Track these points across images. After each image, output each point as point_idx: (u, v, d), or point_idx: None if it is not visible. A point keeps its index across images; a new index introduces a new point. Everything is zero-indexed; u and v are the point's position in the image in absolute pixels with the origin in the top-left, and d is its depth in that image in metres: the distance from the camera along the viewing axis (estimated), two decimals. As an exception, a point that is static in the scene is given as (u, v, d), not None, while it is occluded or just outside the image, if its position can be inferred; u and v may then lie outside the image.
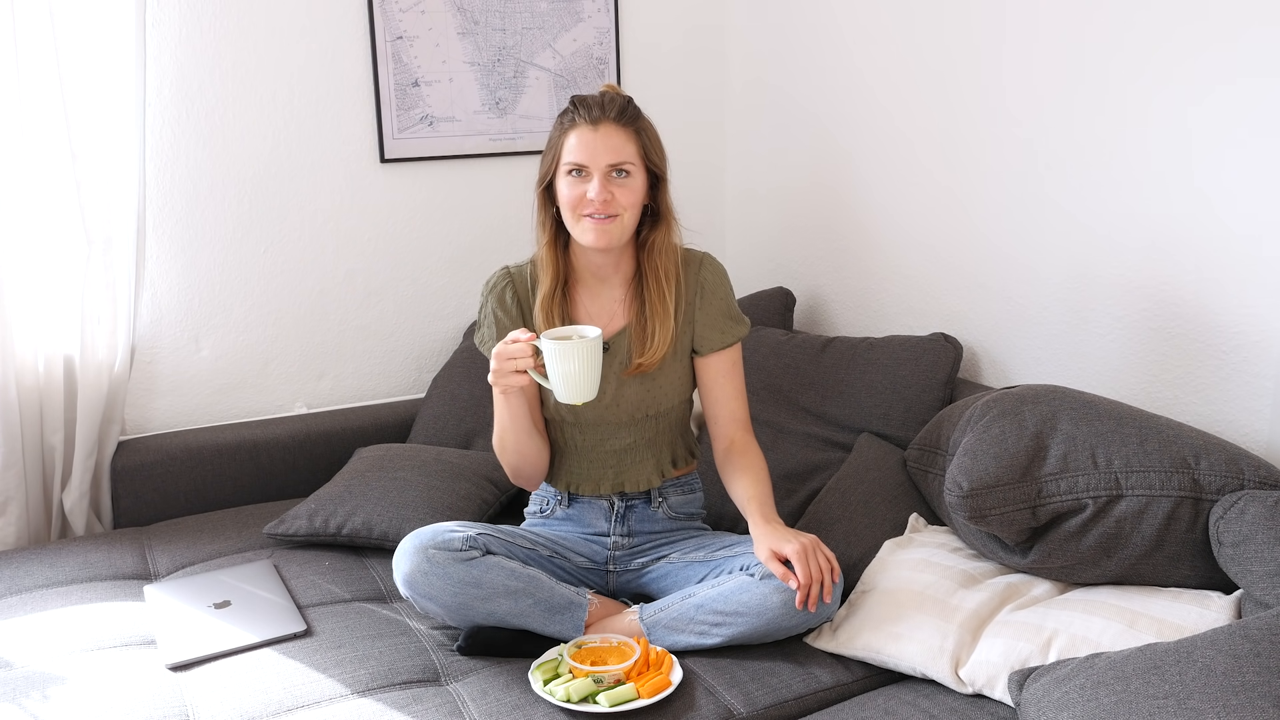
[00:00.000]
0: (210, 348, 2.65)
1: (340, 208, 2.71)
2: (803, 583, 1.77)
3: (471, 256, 2.86)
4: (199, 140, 2.54)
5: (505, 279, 2.04)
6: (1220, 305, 1.95)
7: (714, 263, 2.05)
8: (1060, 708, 1.47)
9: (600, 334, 1.80)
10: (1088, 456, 1.78)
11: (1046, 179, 2.21)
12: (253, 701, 1.72)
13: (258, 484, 2.55)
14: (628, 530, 2.05)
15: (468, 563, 1.84)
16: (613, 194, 1.88)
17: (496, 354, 1.82)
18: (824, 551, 1.82)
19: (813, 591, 1.78)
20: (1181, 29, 1.93)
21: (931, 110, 2.45)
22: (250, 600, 2.01)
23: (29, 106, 2.23)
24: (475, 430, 2.57)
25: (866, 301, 2.71)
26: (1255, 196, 1.86)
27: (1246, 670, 1.39)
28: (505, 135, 2.84)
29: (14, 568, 2.16)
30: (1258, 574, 1.61)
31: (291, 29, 2.58)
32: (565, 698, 1.70)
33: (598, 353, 1.79)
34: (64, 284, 2.36)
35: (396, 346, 2.85)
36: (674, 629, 1.86)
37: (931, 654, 1.75)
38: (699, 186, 3.07)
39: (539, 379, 1.82)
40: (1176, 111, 1.96)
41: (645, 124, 1.94)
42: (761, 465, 2.01)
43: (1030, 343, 2.31)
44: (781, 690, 1.77)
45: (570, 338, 1.79)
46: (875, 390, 2.33)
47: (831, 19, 2.68)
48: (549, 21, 2.83)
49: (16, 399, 2.32)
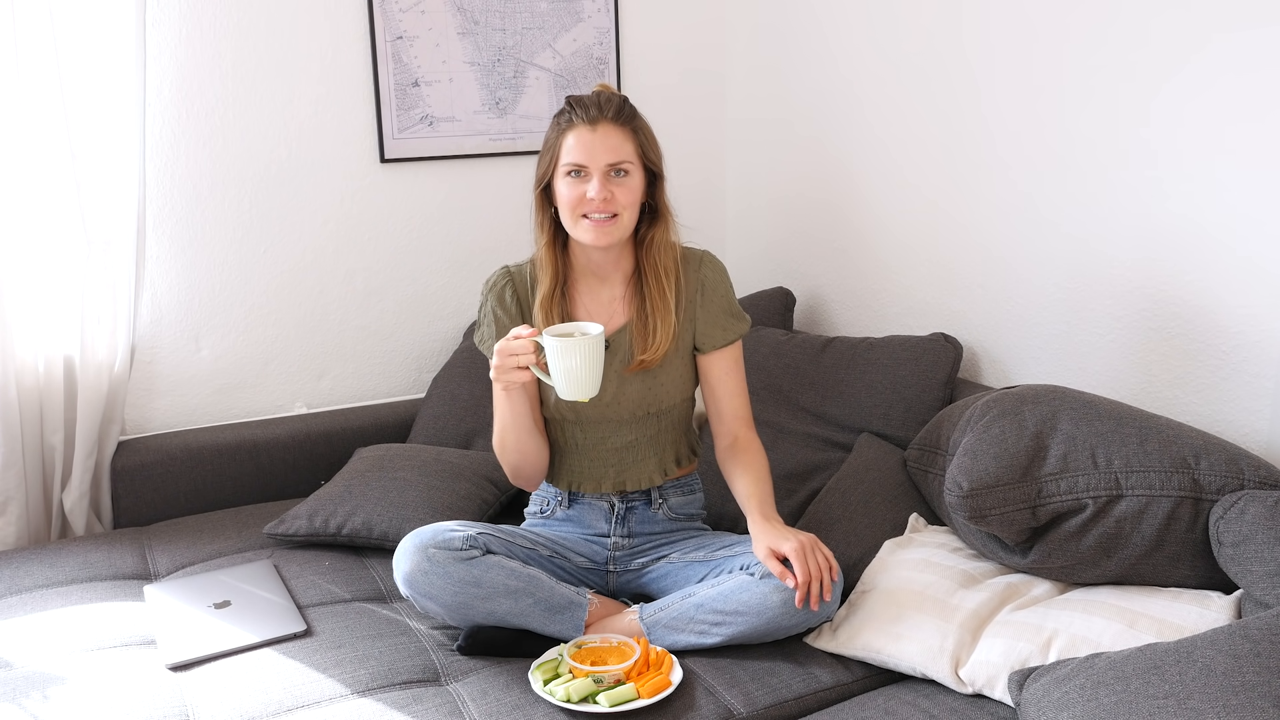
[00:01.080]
0: (210, 348, 2.65)
1: (340, 208, 2.71)
2: (800, 581, 1.77)
3: (471, 256, 2.86)
4: (199, 140, 2.54)
5: (505, 278, 2.04)
6: (1220, 305, 1.95)
7: (714, 260, 2.05)
8: (1060, 708, 1.47)
9: (602, 330, 1.80)
10: (1088, 456, 1.78)
11: (1046, 179, 2.21)
12: (253, 701, 1.72)
13: (258, 484, 2.55)
14: (628, 531, 2.05)
15: (468, 562, 1.84)
16: (612, 193, 1.89)
17: (499, 350, 1.82)
18: (822, 550, 1.82)
19: (812, 589, 1.78)
20: (1177, 28, 1.93)
21: (931, 110, 2.45)
22: (250, 600, 2.01)
23: (29, 106, 2.23)
24: (475, 430, 2.57)
25: (866, 301, 2.71)
26: (1255, 196, 1.86)
27: (1246, 670, 1.39)
28: (505, 135, 2.84)
29: (14, 568, 2.16)
30: (1258, 574, 1.61)
31: (291, 29, 2.58)
32: (565, 698, 1.70)
33: (600, 349, 1.79)
34: (64, 284, 2.36)
35: (396, 346, 2.85)
36: (674, 629, 1.86)
37: (931, 654, 1.75)
38: (699, 187, 3.07)
39: (541, 375, 1.82)
40: (1175, 111, 1.96)
41: (641, 123, 1.95)
42: (763, 463, 2.01)
43: (1030, 343, 2.31)
44: (781, 690, 1.77)
45: (572, 334, 1.79)
46: (875, 390, 2.33)
47: (832, 19, 2.68)
48: (549, 21, 2.83)
49: (16, 399, 2.32)
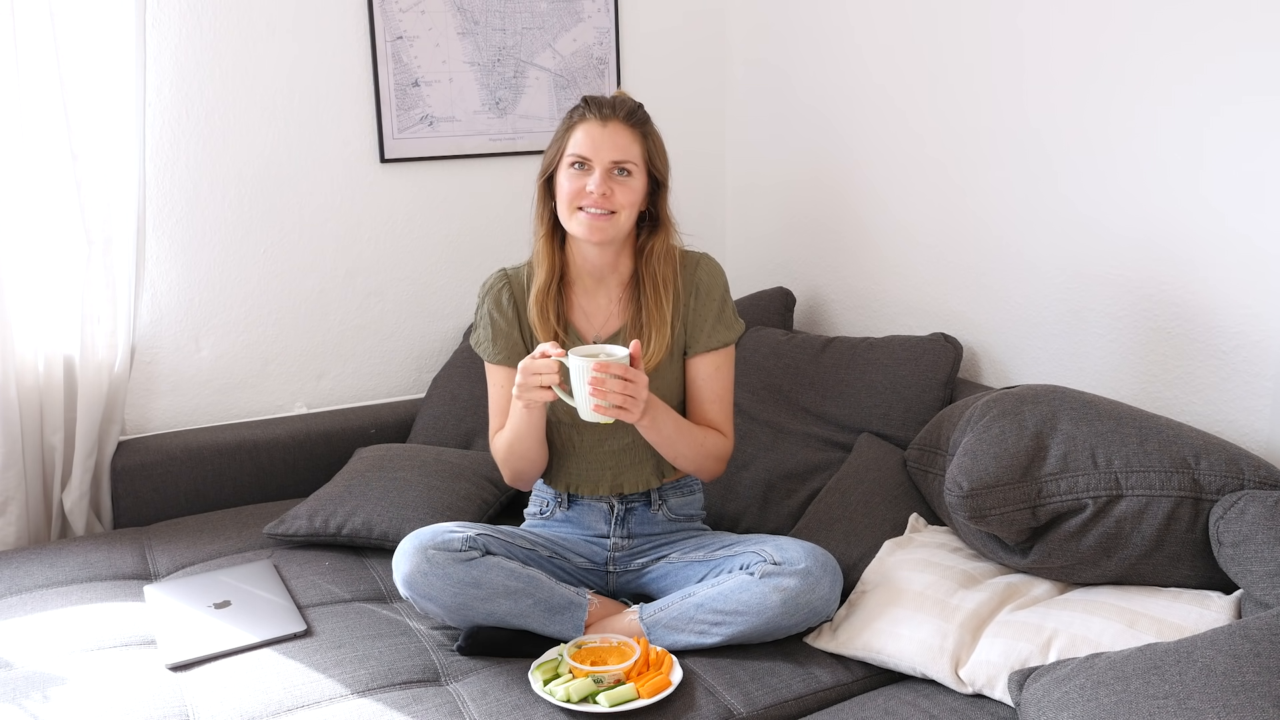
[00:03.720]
0: (210, 348, 2.65)
1: (340, 208, 2.71)
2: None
3: (471, 256, 2.86)
4: (199, 140, 2.54)
5: (502, 281, 2.04)
6: (1220, 305, 1.95)
7: (711, 264, 2.05)
8: (1060, 708, 1.47)
9: (628, 354, 1.80)
10: (1088, 456, 1.78)
11: (1046, 179, 2.21)
12: (253, 701, 1.72)
13: (258, 484, 2.55)
14: (627, 532, 2.05)
15: (467, 563, 1.84)
16: (612, 190, 1.89)
17: (523, 368, 1.82)
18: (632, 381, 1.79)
19: (607, 383, 1.76)
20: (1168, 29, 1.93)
21: (930, 111, 2.45)
22: (250, 600, 2.01)
23: (29, 106, 2.23)
24: (475, 430, 2.56)
25: (866, 301, 2.71)
26: (1256, 196, 1.86)
27: (1246, 670, 1.39)
28: (505, 135, 2.84)
29: (14, 568, 2.16)
30: (1258, 574, 1.61)
31: (292, 29, 2.58)
32: (565, 698, 1.70)
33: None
34: (64, 284, 2.36)
35: (396, 346, 2.85)
36: (674, 628, 1.86)
37: (931, 654, 1.75)
38: (699, 187, 3.07)
39: (563, 396, 1.82)
40: (1176, 111, 1.96)
41: (652, 130, 1.96)
42: (711, 435, 1.99)
43: (1030, 343, 2.31)
44: (781, 690, 1.77)
45: (598, 356, 1.79)
46: (875, 390, 2.33)
47: (832, 20, 2.68)
48: (549, 21, 2.83)
49: (16, 399, 2.32)
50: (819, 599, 1.83)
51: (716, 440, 2.01)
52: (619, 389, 1.77)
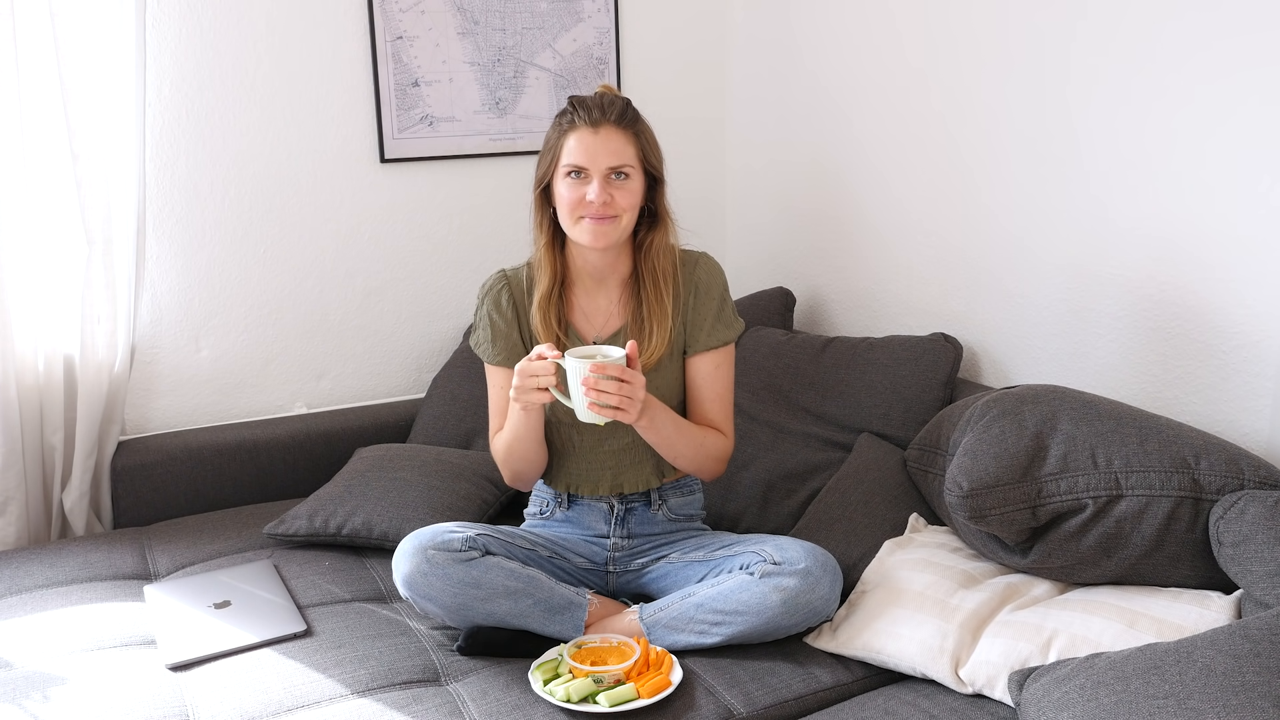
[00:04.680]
0: (210, 348, 2.65)
1: (340, 208, 2.71)
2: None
3: (471, 256, 2.86)
4: (199, 140, 2.54)
5: (501, 282, 2.04)
6: (1220, 305, 1.95)
7: (710, 262, 2.05)
8: (1060, 708, 1.47)
9: (624, 355, 1.80)
10: (1088, 456, 1.78)
11: (1047, 179, 2.21)
12: (253, 701, 1.72)
13: (258, 484, 2.55)
14: (627, 533, 2.05)
15: (467, 563, 1.84)
16: (612, 196, 1.89)
17: (519, 370, 1.82)
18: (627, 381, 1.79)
19: (601, 384, 1.76)
20: (1181, 28, 1.93)
21: (931, 111, 2.45)
22: (250, 600, 2.01)
23: (29, 106, 2.23)
24: (475, 430, 2.56)
25: (866, 301, 2.71)
26: (1256, 196, 1.86)
27: (1246, 670, 1.39)
28: (505, 135, 2.84)
29: (14, 568, 2.16)
30: (1258, 574, 1.61)
31: (291, 29, 2.58)
32: (565, 698, 1.70)
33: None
34: (64, 284, 2.36)
35: (396, 346, 2.85)
36: (674, 628, 1.86)
37: (931, 654, 1.75)
38: (700, 186, 3.07)
39: (560, 397, 1.82)
40: (1176, 111, 1.96)
41: (644, 126, 1.94)
42: (711, 435, 1.99)
43: (1030, 343, 2.31)
44: (781, 690, 1.77)
45: (594, 357, 1.79)
46: (875, 390, 2.33)
47: (832, 18, 2.68)
48: (549, 21, 2.83)
49: (16, 399, 2.32)
50: (819, 599, 1.83)
51: (716, 440, 2.00)
52: (615, 390, 1.77)
